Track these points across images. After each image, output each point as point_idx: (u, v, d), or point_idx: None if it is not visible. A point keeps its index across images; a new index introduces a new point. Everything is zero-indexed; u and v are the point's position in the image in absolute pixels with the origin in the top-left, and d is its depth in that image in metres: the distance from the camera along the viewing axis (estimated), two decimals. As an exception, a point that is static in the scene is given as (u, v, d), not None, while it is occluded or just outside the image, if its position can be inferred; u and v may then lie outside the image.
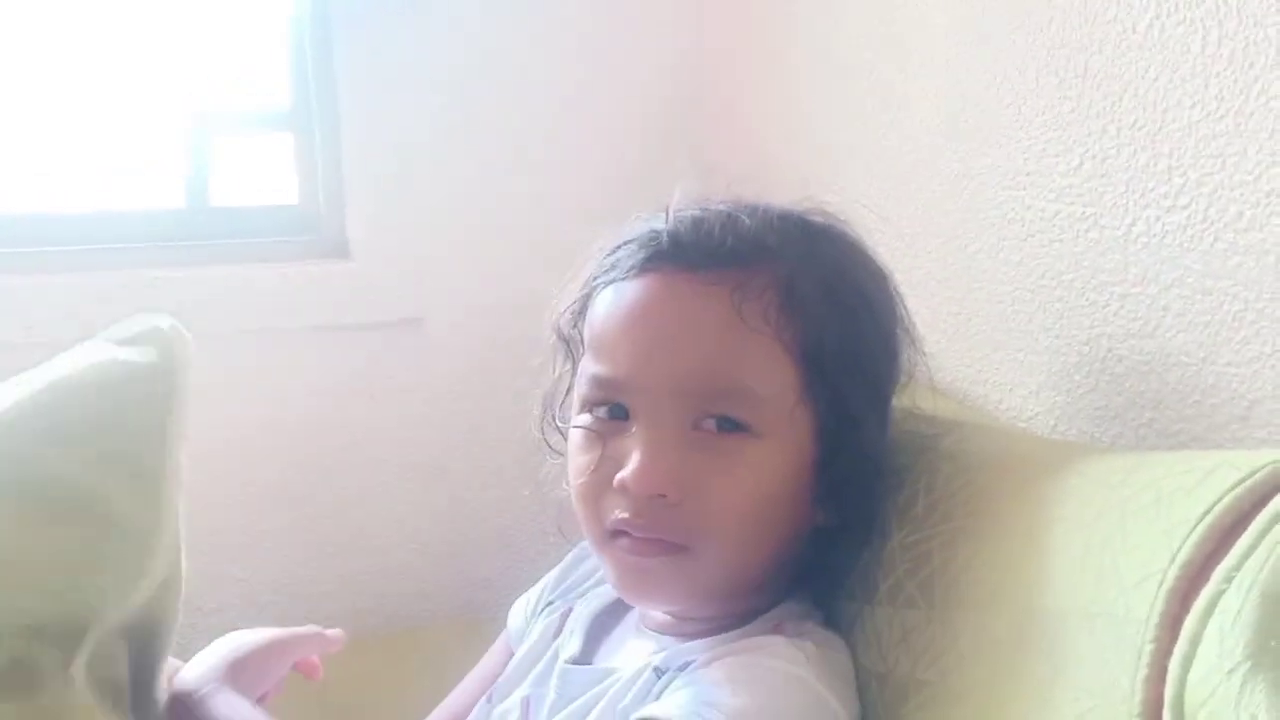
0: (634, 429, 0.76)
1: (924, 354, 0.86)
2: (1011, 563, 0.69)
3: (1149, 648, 0.57)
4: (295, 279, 1.41)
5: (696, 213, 0.80)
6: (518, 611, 1.01)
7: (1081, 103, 0.92)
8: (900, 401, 0.87)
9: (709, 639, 0.78)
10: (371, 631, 1.42)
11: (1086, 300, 0.93)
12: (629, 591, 0.80)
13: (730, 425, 0.75)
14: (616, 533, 0.77)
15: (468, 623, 1.31)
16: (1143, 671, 0.57)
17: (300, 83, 1.44)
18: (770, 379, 0.75)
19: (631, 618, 0.87)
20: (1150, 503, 0.62)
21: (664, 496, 0.74)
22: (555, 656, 0.88)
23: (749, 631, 0.78)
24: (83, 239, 1.40)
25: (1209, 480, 0.60)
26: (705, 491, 0.74)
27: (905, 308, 0.85)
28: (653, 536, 0.75)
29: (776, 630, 0.78)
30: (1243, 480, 0.58)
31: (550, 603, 0.96)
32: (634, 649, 0.84)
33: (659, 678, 0.76)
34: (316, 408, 1.44)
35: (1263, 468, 0.59)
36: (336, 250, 1.44)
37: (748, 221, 0.78)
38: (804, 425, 0.76)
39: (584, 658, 0.87)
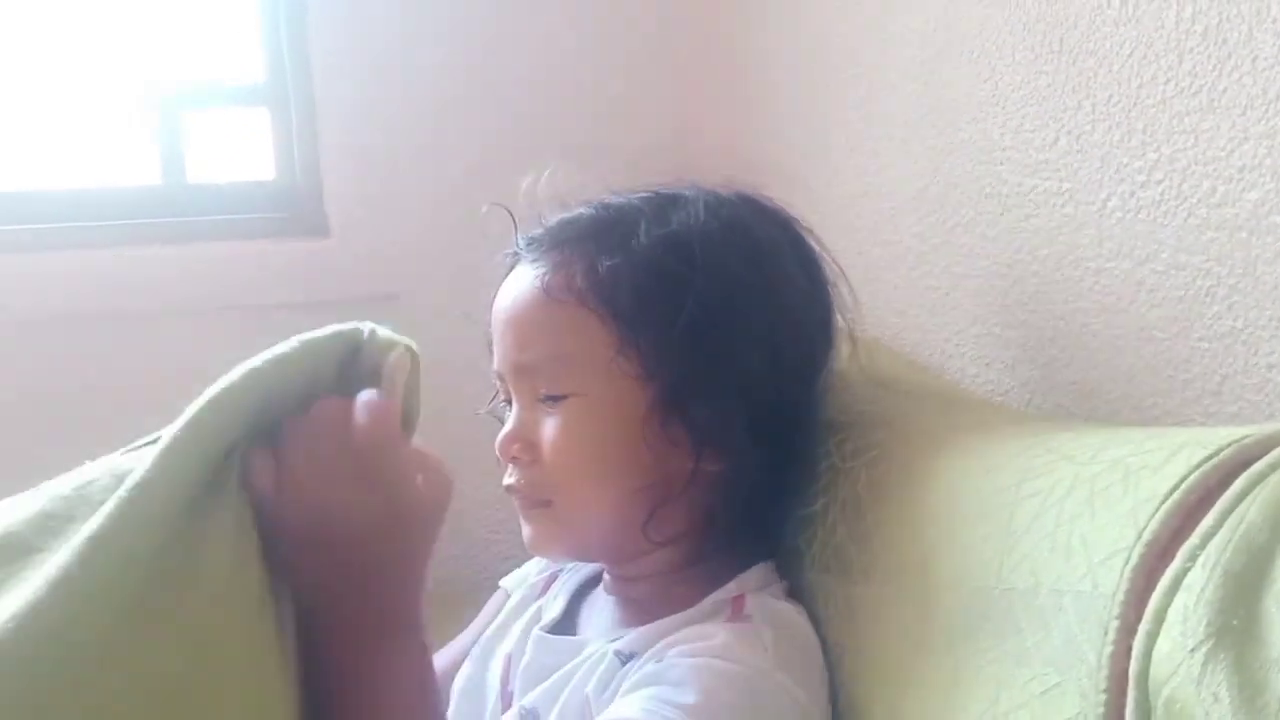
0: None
1: (839, 316, 0.89)
2: (983, 540, 0.69)
3: (1115, 624, 0.57)
4: (272, 256, 1.41)
5: (561, 213, 0.88)
6: (512, 577, 1.02)
7: (1057, 77, 0.91)
8: (876, 376, 0.89)
9: (669, 619, 0.80)
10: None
11: (1062, 275, 0.93)
12: (527, 543, 0.88)
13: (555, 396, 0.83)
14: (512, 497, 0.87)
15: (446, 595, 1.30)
16: (1109, 647, 0.57)
17: (275, 56, 1.43)
18: (578, 339, 0.82)
19: (600, 586, 0.91)
20: (1118, 480, 0.62)
21: (517, 459, 0.84)
22: (537, 616, 0.92)
23: (709, 610, 0.81)
24: (58, 217, 1.39)
25: (1176, 458, 0.60)
26: (545, 450, 0.83)
27: (801, 279, 0.87)
28: (523, 495, 0.85)
29: (737, 608, 0.80)
30: (1209, 458, 0.58)
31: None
32: (601, 615, 0.89)
33: (622, 665, 0.79)
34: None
35: (1229, 445, 0.59)
36: (314, 227, 1.43)
37: (586, 210, 0.87)
38: (628, 375, 0.82)
39: (563, 625, 0.90)
